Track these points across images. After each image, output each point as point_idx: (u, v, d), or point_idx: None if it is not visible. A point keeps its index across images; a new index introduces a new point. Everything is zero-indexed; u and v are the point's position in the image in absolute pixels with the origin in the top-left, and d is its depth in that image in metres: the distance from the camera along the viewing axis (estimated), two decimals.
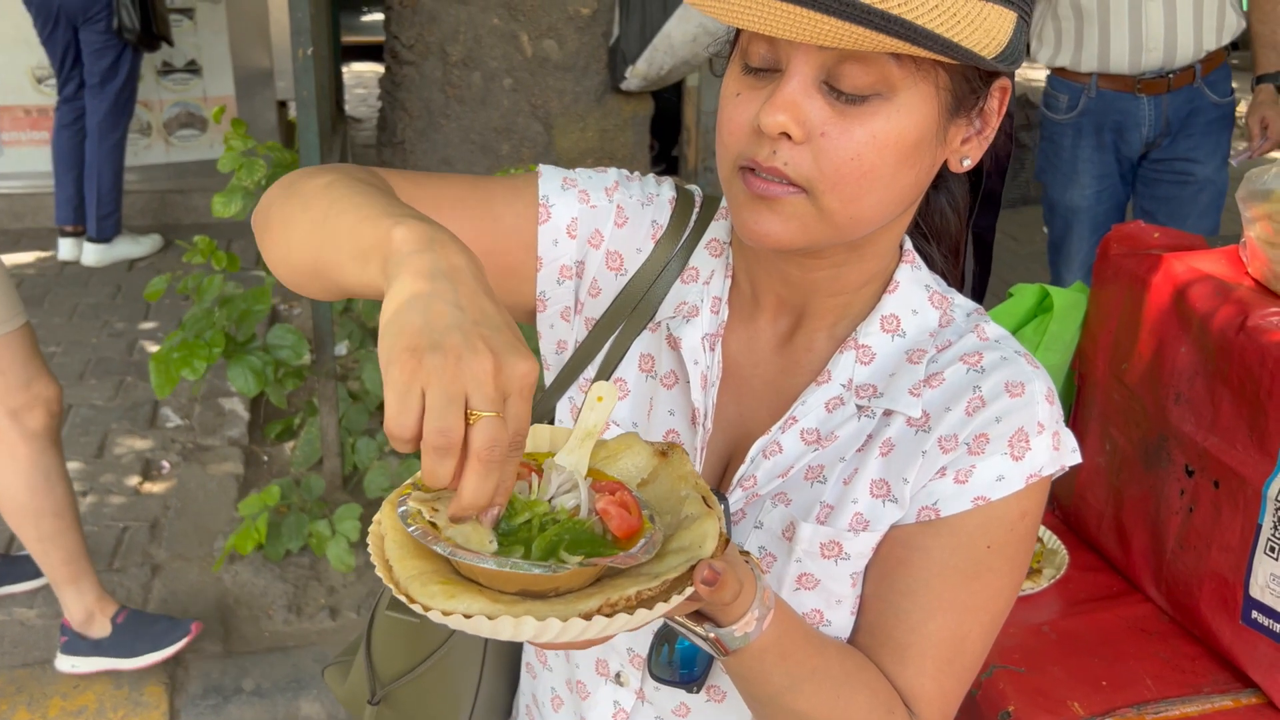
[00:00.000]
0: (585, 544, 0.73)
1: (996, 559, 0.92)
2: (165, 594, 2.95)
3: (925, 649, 0.92)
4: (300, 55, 2.75)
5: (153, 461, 3.57)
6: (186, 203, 5.60)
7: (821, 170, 0.83)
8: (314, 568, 3.04)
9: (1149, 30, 3.06)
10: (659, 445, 0.84)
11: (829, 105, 0.82)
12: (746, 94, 0.86)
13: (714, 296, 1.01)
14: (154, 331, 4.44)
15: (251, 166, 2.98)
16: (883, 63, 0.81)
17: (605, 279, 1.04)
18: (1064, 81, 3.27)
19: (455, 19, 3.34)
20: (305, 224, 0.88)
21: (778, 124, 0.82)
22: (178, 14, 5.43)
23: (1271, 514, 1.43)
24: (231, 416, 3.75)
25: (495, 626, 0.68)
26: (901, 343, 0.97)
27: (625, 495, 0.76)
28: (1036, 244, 5.85)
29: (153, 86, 5.54)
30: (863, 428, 0.95)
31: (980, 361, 0.94)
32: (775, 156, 0.83)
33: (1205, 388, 1.53)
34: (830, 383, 0.96)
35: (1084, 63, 3.17)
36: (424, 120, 3.48)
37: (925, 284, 0.99)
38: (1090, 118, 3.25)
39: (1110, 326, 1.73)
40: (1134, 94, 3.16)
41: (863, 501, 0.94)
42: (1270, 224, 1.48)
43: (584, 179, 1.04)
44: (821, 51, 0.82)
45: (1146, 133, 3.21)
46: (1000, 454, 0.90)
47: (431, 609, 0.69)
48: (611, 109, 3.50)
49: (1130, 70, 3.13)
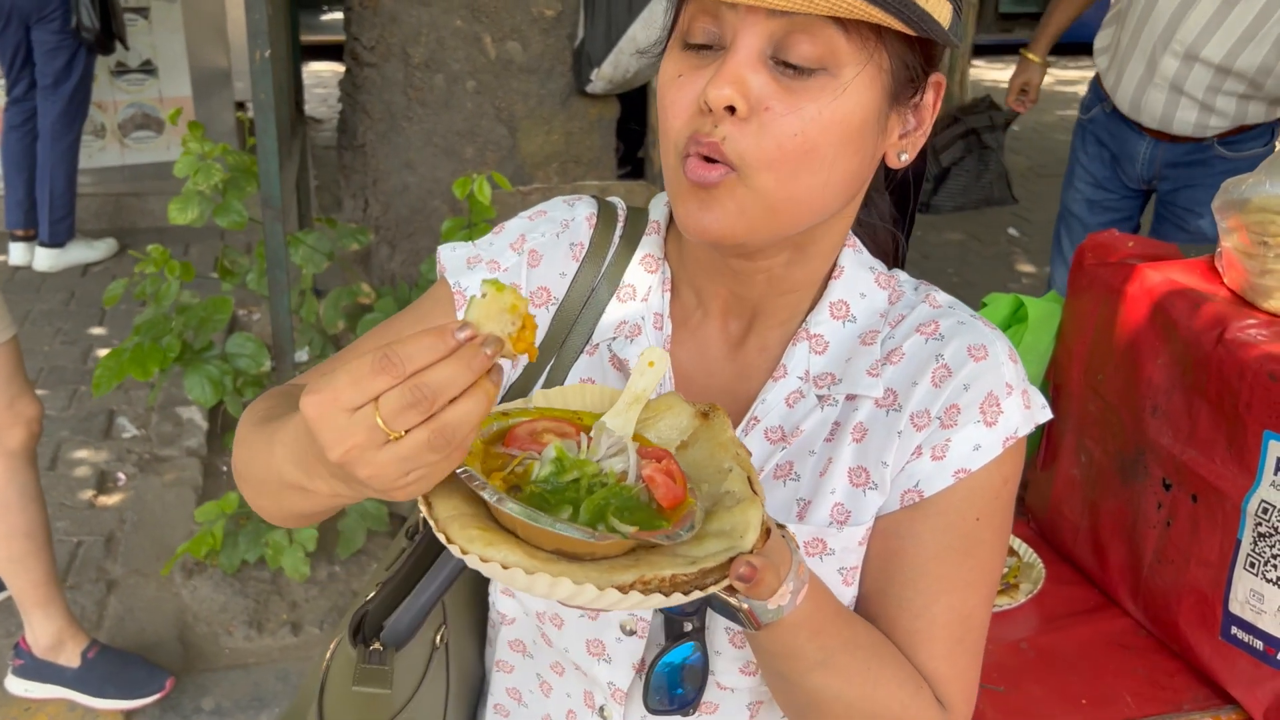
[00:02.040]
0: (632, 510, 0.73)
1: (985, 530, 0.92)
2: (121, 611, 2.87)
3: (934, 633, 0.92)
4: (258, 57, 2.68)
5: (108, 473, 3.48)
6: (142, 206, 5.49)
7: (762, 147, 0.81)
8: (275, 582, 2.98)
9: (1147, 106, 2.99)
10: (701, 406, 0.84)
11: (774, 80, 0.81)
12: (689, 74, 0.84)
13: (655, 313, 0.99)
14: (108, 339, 4.34)
15: (208, 171, 2.91)
16: (830, 36, 0.80)
17: (536, 317, 1.01)
18: (1096, 83, 3.20)
19: (417, 20, 3.28)
20: (256, 496, 0.92)
21: (723, 97, 0.80)
22: (132, 13, 5.32)
23: (1251, 529, 1.41)
24: (189, 426, 3.67)
25: (531, 581, 0.68)
26: (853, 327, 0.96)
27: (671, 464, 0.77)
28: (1000, 245, 5.87)
29: (107, 87, 5.43)
30: (827, 417, 0.94)
31: (938, 330, 0.93)
32: (716, 131, 0.81)
33: (1183, 400, 1.51)
34: (787, 377, 0.95)
35: (1107, 78, 3.11)
36: (386, 123, 3.42)
37: (869, 266, 0.99)
38: (1097, 128, 3.20)
39: (1085, 337, 1.71)
40: (1136, 129, 3.08)
41: (840, 491, 0.93)
42: (1247, 234, 1.46)
43: (487, 248, 1.02)
44: (769, 21, 0.80)
45: (1140, 169, 3.12)
46: (974, 422, 0.90)
47: (470, 553, 0.69)
48: (577, 112, 3.45)
49: (1130, 114, 3.06)
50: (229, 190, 2.96)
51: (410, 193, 3.45)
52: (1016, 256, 5.68)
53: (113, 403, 3.82)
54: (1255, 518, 1.41)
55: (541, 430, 0.78)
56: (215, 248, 4.99)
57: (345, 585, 2.99)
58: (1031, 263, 5.62)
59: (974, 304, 1.80)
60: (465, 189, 2.82)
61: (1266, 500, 1.39)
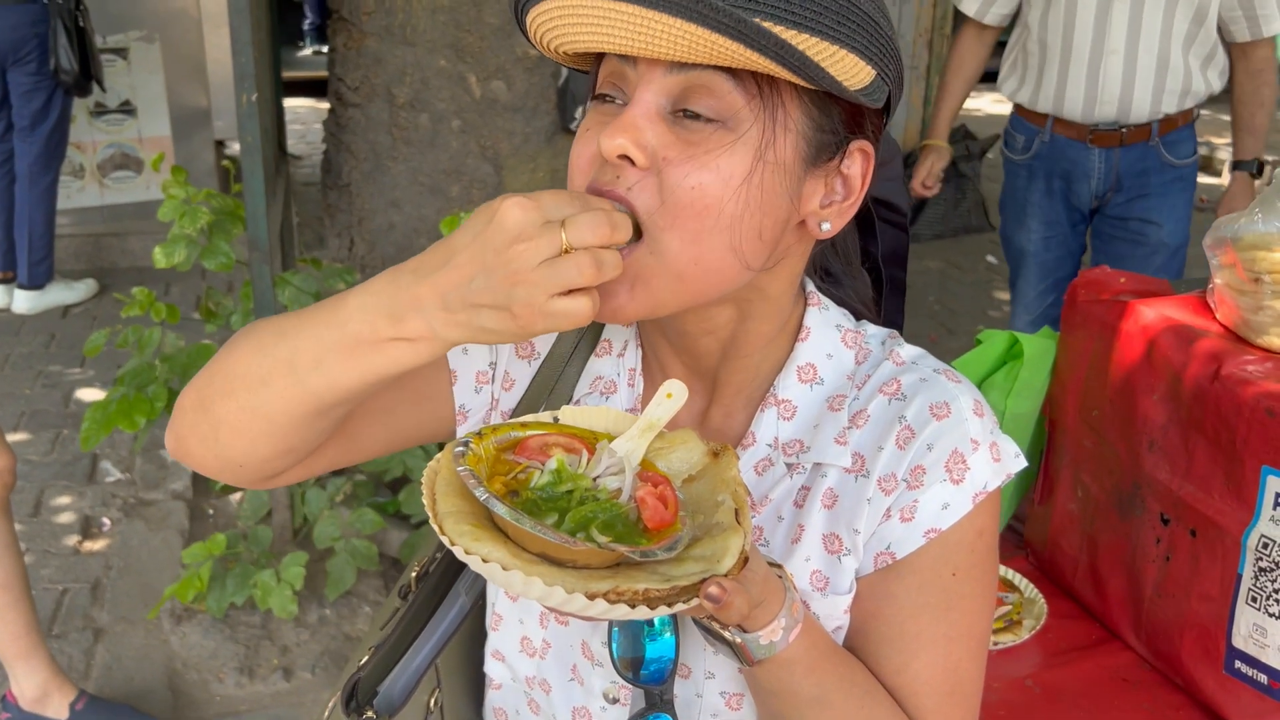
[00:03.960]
0: (616, 526, 0.76)
1: (965, 584, 0.91)
2: (109, 660, 2.83)
3: (917, 689, 0.91)
4: (244, 101, 2.68)
5: (92, 519, 3.44)
6: (122, 246, 5.46)
7: (664, 201, 0.79)
8: (265, 626, 2.94)
9: (1105, 82, 2.97)
10: (713, 446, 0.85)
11: (671, 131, 0.80)
12: (595, 128, 0.83)
13: (629, 369, 0.99)
14: (90, 380, 4.30)
15: (194, 215, 2.90)
16: (726, 90, 0.79)
17: (517, 369, 1.02)
18: (1022, 121, 3.21)
19: (401, 61, 3.30)
20: (249, 389, 0.86)
21: (616, 146, 0.79)
22: (111, 54, 5.32)
23: (1252, 564, 1.43)
24: (174, 469, 3.63)
25: (508, 577, 0.72)
26: (821, 390, 0.94)
27: (667, 490, 0.79)
28: (979, 272, 5.92)
29: (86, 128, 5.41)
30: (795, 484, 0.93)
31: (899, 389, 0.91)
32: (619, 181, 0.80)
33: (1179, 436, 1.53)
34: (756, 445, 0.94)
35: (1040, 103, 3.10)
36: (370, 163, 3.42)
37: (836, 324, 0.97)
38: (1042, 162, 3.17)
39: (1079, 373, 1.72)
40: (1086, 144, 3.07)
41: (816, 558, 0.92)
42: (1241, 270, 1.48)
43: None
44: (666, 77, 0.80)
45: (1095, 185, 3.12)
46: (940, 482, 0.88)
47: (457, 544, 0.73)
48: (562, 149, 3.47)
49: (1083, 119, 3.04)
50: (214, 233, 2.95)
51: (396, 231, 3.45)
52: (996, 283, 5.72)
53: (96, 447, 3.78)
54: (1256, 552, 1.42)
55: (552, 444, 0.81)
56: (196, 287, 4.97)
57: (336, 629, 2.96)
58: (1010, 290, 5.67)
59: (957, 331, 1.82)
60: (453, 226, 2.83)
61: (1266, 535, 1.40)
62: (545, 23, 0.82)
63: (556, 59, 0.87)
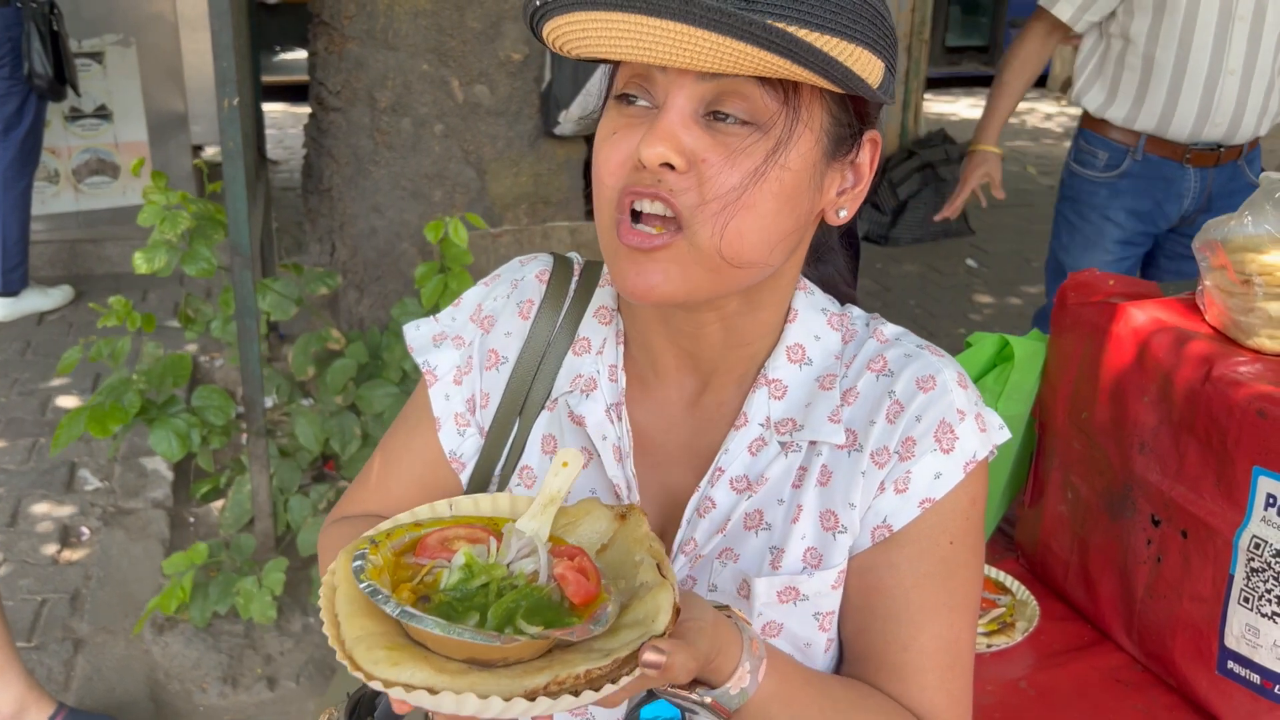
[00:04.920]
0: (542, 611, 0.72)
1: (961, 551, 0.93)
2: (90, 671, 2.79)
3: (923, 663, 0.92)
4: (226, 106, 2.66)
5: (71, 528, 3.40)
6: (98, 252, 5.40)
7: (704, 198, 0.82)
8: (249, 635, 2.92)
9: (1221, 101, 2.80)
10: (619, 508, 0.84)
11: (708, 134, 0.82)
12: (623, 131, 0.85)
13: (609, 365, 0.99)
14: (67, 388, 4.25)
15: (174, 220, 2.87)
16: (759, 95, 0.81)
17: (489, 381, 1.03)
18: (1103, 139, 2.98)
19: (384, 65, 3.28)
20: None
21: (657, 155, 0.81)
22: (86, 58, 5.26)
23: (1244, 564, 1.43)
24: (154, 477, 3.60)
25: (437, 701, 0.67)
26: (810, 370, 0.97)
27: (584, 561, 0.76)
28: (959, 276, 5.95)
29: (61, 133, 5.35)
30: (791, 463, 0.95)
31: (886, 365, 0.95)
32: (660, 185, 0.82)
33: (1170, 438, 1.53)
34: (748, 425, 0.95)
35: (1140, 120, 2.89)
36: (352, 167, 3.40)
37: (822, 308, 1.00)
38: (1131, 181, 2.96)
39: (1069, 375, 1.73)
40: (1181, 163, 2.90)
41: (811, 536, 0.93)
42: (1231, 272, 1.49)
43: (450, 324, 1.05)
44: (699, 84, 0.81)
45: (1186, 205, 2.97)
46: (930, 452, 0.91)
47: (374, 678, 0.68)
48: (545, 153, 3.46)
49: (1189, 139, 2.86)
50: (195, 239, 2.92)
51: (378, 236, 3.43)
52: (976, 287, 5.75)
53: (74, 455, 3.74)
54: (1247, 553, 1.43)
55: (453, 537, 0.78)
56: (175, 293, 4.92)
57: (320, 637, 2.93)
58: (990, 294, 5.70)
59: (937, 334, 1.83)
60: (438, 232, 2.81)
61: (1258, 535, 1.41)
62: (572, 33, 0.81)
63: (562, 53, 0.87)
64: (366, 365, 3.13)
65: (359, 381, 3.11)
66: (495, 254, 3.18)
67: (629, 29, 0.77)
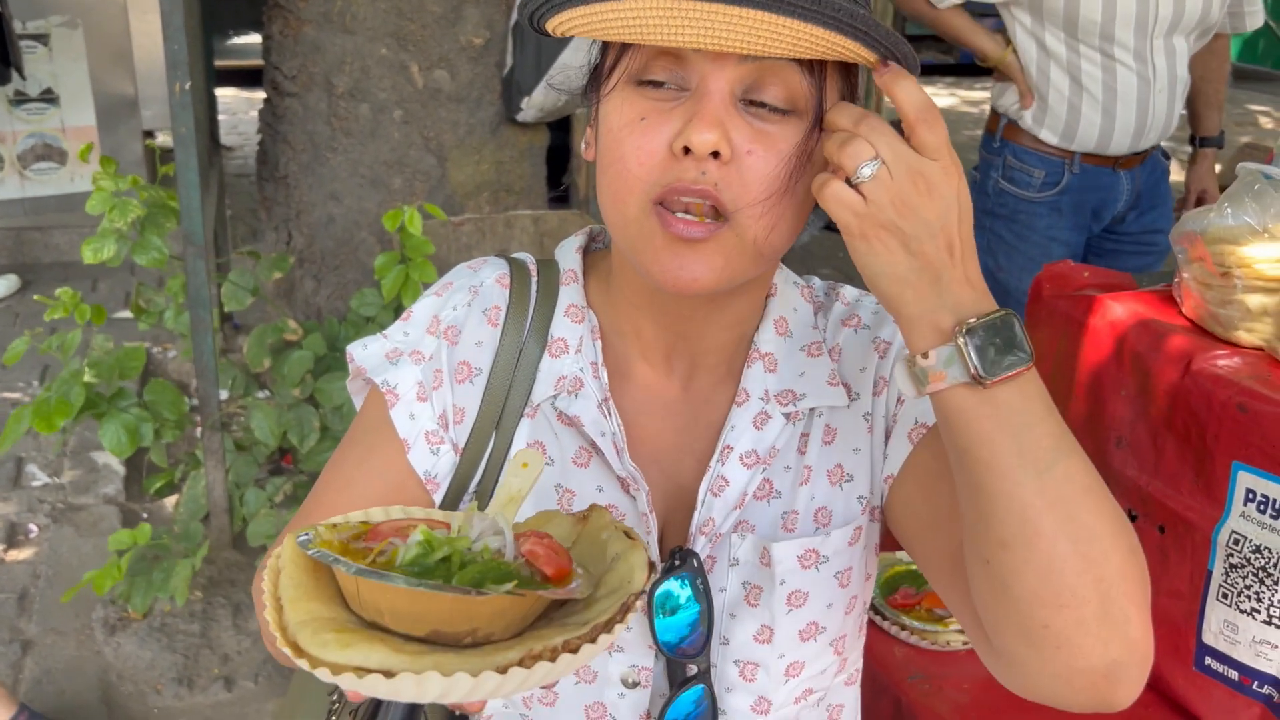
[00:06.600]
0: (512, 581, 0.67)
1: None
2: (39, 673, 2.71)
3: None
4: (178, 90, 2.57)
5: (18, 525, 3.30)
6: (46, 240, 5.27)
7: (749, 190, 0.81)
8: (205, 635, 2.84)
9: (1154, 117, 2.83)
10: (580, 512, 0.82)
11: (749, 124, 0.81)
12: (653, 117, 0.82)
13: (591, 362, 0.97)
14: (12, 381, 4.14)
15: (124, 208, 2.78)
16: (796, 79, 0.81)
17: (462, 395, 0.97)
18: (1036, 154, 2.90)
19: (341, 49, 3.20)
20: None
21: (708, 142, 0.79)
22: (31, 40, 5.12)
23: (1222, 560, 1.42)
24: (106, 472, 3.51)
25: (395, 686, 0.59)
26: (793, 342, 0.98)
27: (551, 542, 0.73)
28: None
29: (5, 117, 5.20)
30: (795, 432, 0.96)
31: (861, 321, 1.00)
32: (706, 178, 0.80)
33: (1148, 432, 1.52)
34: (750, 400, 0.96)
35: (1078, 142, 2.86)
36: (309, 154, 3.32)
37: (793, 281, 1.02)
38: (1072, 196, 2.92)
39: (1044, 369, 1.71)
40: (1113, 169, 2.91)
41: (821, 495, 0.96)
42: (1210, 264, 1.47)
43: (403, 339, 0.98)
44: (740, 67, 0.80)
45: (1119, 208, 2.99)
46: None
47: (321, 663, 0.60)
48: (507, 140, 3.40)
49: (1129, 150, 2.88)
50: (147, 227, 2.83)
51: (336, 225, 3.36)
52: None
53: (21, 449, 3.64)
54: (1226, 549, 1.41)
55: (408, 526, 0.72)
56: (125, 283, 4.81)
57: None
58: None
59: None
60: (396, 221, 2.75)
61: (1237, 531, 1.40)
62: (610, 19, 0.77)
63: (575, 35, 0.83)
64: (324, 357, 3.06)
65: (317, 374, 3.04)
66: (457, 243, 3.12)
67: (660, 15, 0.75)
